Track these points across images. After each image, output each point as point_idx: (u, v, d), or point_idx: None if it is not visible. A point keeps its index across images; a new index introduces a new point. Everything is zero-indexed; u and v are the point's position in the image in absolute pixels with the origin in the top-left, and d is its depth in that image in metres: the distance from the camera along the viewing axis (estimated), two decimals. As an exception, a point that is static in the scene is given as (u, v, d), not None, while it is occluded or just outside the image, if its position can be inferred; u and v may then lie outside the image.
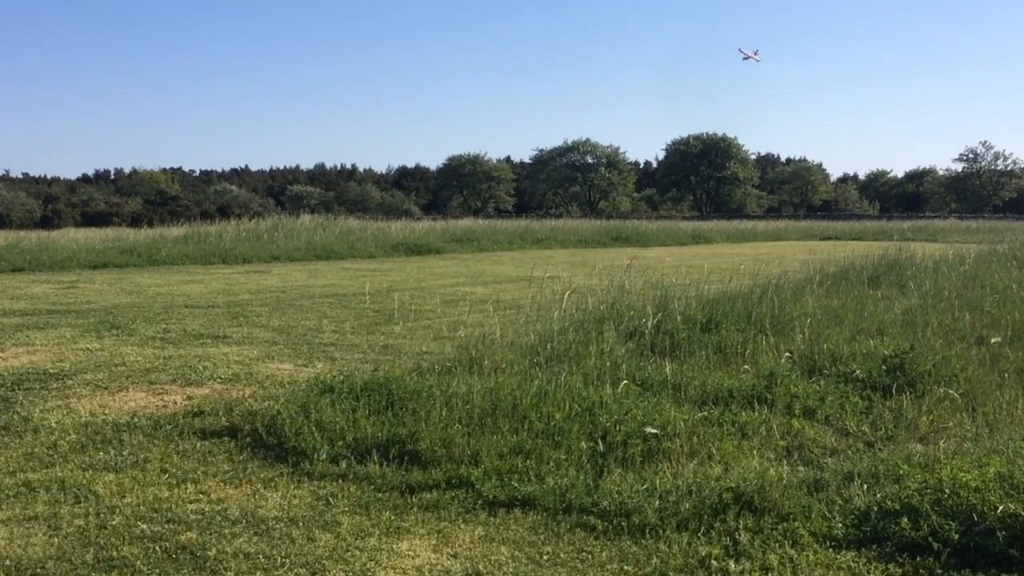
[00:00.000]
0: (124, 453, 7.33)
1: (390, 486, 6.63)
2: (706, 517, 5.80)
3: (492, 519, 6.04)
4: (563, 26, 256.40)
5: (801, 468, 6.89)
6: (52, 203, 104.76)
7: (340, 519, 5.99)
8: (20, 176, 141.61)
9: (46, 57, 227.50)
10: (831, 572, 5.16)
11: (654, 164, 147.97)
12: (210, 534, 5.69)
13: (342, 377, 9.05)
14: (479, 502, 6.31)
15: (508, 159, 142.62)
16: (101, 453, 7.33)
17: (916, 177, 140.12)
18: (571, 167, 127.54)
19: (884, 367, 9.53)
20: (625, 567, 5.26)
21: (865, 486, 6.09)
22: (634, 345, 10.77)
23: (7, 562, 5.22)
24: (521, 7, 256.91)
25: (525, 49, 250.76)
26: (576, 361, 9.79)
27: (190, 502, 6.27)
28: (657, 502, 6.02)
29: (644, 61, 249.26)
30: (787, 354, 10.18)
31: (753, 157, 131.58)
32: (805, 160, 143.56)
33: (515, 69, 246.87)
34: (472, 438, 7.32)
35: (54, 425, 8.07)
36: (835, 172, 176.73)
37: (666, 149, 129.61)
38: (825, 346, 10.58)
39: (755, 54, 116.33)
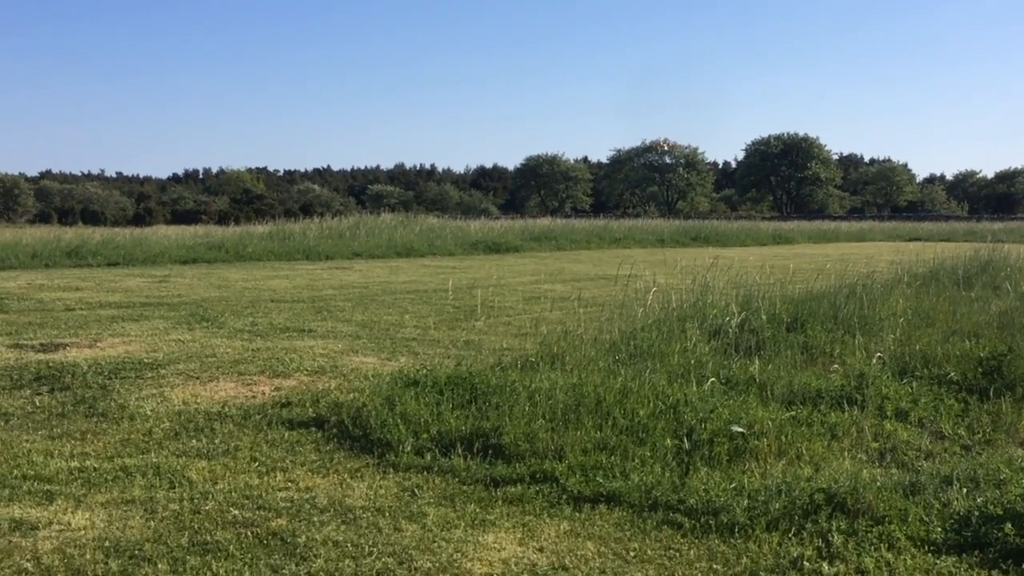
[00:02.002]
0: (216, 441, 7.46)
1: (474, 479, 6.65)
2: (797, 518, 5.71)
3: (577, 514, 6.02)
4: (639, 27, 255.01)
5: (895, 470, 6.75)
6: (144, 201, 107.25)
7: (426, 510, 6.02)
8: (114, 175, 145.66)
9: (140, 61, 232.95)
10: (929, 576, 5.03)
11: (733, 164, 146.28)
12: (299, 521, 5.76)
13: (425, 371, 9.12)
14: (564, 497, 6.29)
15: (585, 159, 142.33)
16: (194, 441, 7.47)
17: (1007, 178, 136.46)
18: (649, 167, 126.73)
19: (980, 369, 9.30)
20: (714, 566, 5.19)
21: (964, 490, 5.94)
22: (718, 344, 10.67)
23: (107, 543, 5.34)
24: (600, 11, 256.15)
25: (603, 53, 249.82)
26: (659, 359, 9.72)
27: (279, 490, 6.36)
28: (746, 501, 5.94)
29: (721, 61, 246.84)
30: (878, 355, 9.98)
31: (835, 157, 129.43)
32: (889, 160, 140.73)
33: (594, 71, 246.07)
34: (556, 433, 7.30)
35: (149, 413, 8.25)
36: (921, 172, 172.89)
37: (746, 149, 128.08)
38: (917, 347, 10.36)
39: None
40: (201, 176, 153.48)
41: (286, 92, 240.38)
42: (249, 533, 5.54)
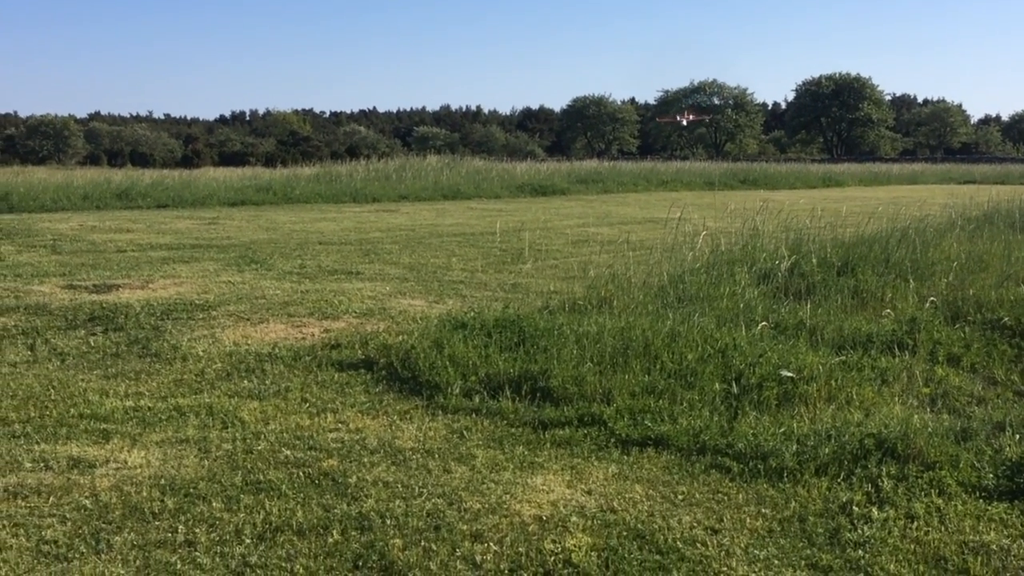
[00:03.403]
0: (267, 382, 7.56)
1: (522, 422, 6.68)
2: (846, 463, 5.69)
3: (625, 457, 6.04)
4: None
5: (946, 416, 6.68)
6: (192, 143, 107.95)
7: (474, 452, 6.06)
8: (162, 117, 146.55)
9: (188, 5, 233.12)
10: (981, 523, 4.99)
11: (782, 105, 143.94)
12: (350, 462, 5.83)
13: (473, 314, 9.14)
14: (612, 440, 6.31)
15: (632, 100, 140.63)
16: (245, 381, 7.57)
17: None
18: (697, 108, 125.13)
19: (1035, 315, 9.15)
20: (763, 510, 5.19)
21: (1017, 436, 5.88)
22: (767, 288, 10.59)
23: (162, 481, 5.44)
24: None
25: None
26: (708, 303, 9.68)
27: (330, 431, 6.43)
28: (794, 446, 5.92)
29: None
30: (931, 300, 9.85)
31: (888, 98, 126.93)
32: (943, 101, 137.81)
33: (637, 10, 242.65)
34: (604, 377, 7.31)
35: (201, 354, 8.36)
36: (976, 113, 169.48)
37: (796, 90, 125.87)
38: (970, 292, 10.20)
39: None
40: (248, 118, 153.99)
41: (332, 33, 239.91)
42: (301, 473, 5.61)
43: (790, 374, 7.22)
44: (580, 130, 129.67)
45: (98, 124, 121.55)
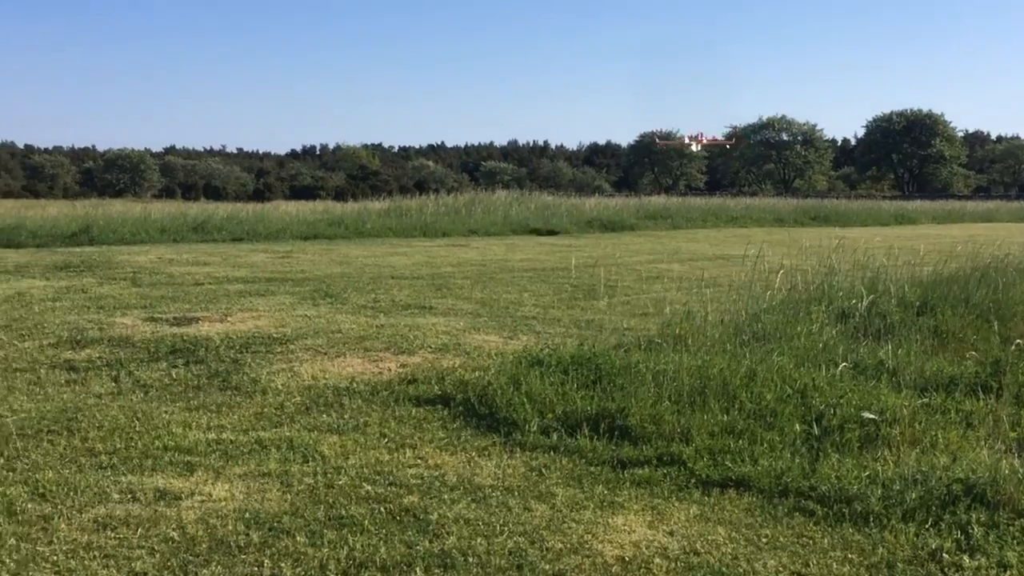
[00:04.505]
0: (345, 416, 7.62)
1: (601, 460, 6.66)
2: (934, 508, 5.58)
3: (706, 498, 5.99)
4: (760, 3, 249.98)
5: (1036, 462, 6.52)
6: (264, 177, 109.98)
7: (554, 490, 6.05)
8: (235, 151, 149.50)
9: (262, 41, 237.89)
10: (1077, 573, 4.87)
11: (852, 142, 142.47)
12: (430, 498, 5.85)
13: (549, 350, 9.17)
14: (692, 480, 6.26)
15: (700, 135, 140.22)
16: (324, 415, 7.64)
17: None
18: (765, 144, 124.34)
19: None
20: (849, 555, 5.11)
21: (1111, 484, 5.72)
22: (844, 327, 10.46)
23: (247, 515, 5.51)
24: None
25: (718, 25, 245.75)
26: (785, 342, 9.58)
27: (409, 466, 6.46)
28: (880, 490, 5.82)
29: (847, 33, 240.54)
30: (1017, 341, 9.64)
31: (960, 134, 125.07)
32: (1018, 137, 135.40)
33: (707, 46, 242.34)
34: (682, 416, 7.28)
35: (280, 387, 8.47)
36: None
37: (866, 126, 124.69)
38: (1056, 334, 9.98)
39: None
40: (318, 152, 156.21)
41: (403, 69, 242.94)
42: (382, 509, 5.65)
43: (872, 416, 7.12)
44: (647, 165, 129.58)
45: (173, 158, 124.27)
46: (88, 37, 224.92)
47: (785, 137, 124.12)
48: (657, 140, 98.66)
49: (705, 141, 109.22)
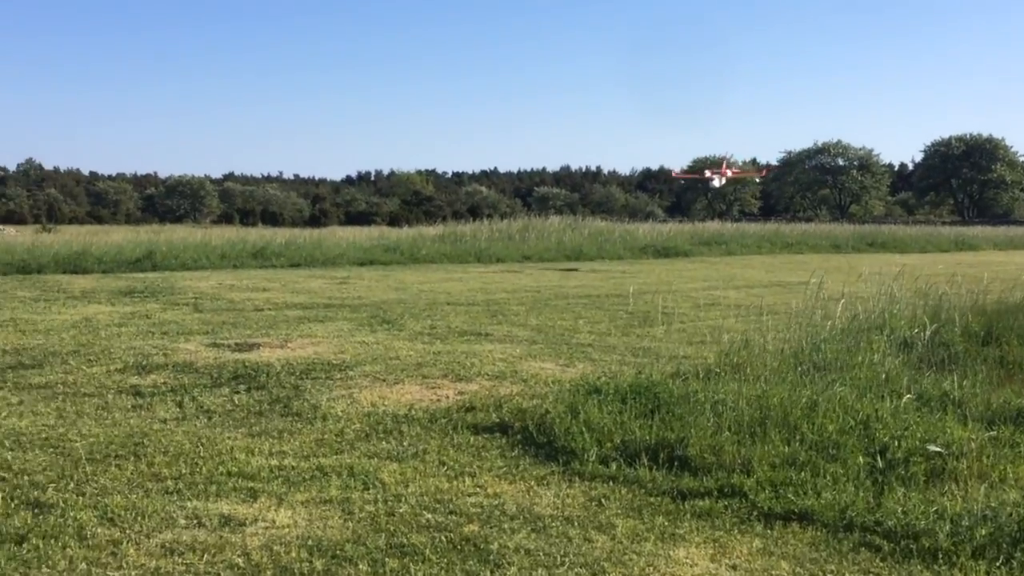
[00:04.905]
0: (404, 444, 7.66)
1: (661, 491, 6.63)
2: (1005, 546, 5.47)
3: (769, 531, 5.93)
4: (813, 26, 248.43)
5: (1109, 498, 6.39)
6: (319, 203, 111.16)
7: (614, 521, 6.03)
8: (291, 178, 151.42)
9: (315, 72, 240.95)
10: None
11: (910, 166, 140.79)
12: (490, 528, 5.85)
13: (606, 379, 9.16)
14: (754, 513, 6.20)
15: (754, 161, 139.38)
16: (384, 443, 7.69)
17: None
18: (820, 169, 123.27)
19: None
20: (917, 591, 5.03)
21: None
22: (906, 357, 10.32)
23: (310, 542, 5.55)
24: (772, 9, 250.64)
25: (772, 49, 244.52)
26: (845, 371, 9.48)
27: (469, 495, 6.48)
28: (948, 526, 5.73)
29: (903, 58, 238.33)
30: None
31: (1022, 159, 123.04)
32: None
33: (761, 71, 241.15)
34: (742, 446, 7.22)
35: (340, 414, 8.54)
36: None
37: (924, 151, 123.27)
38: None
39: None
40: (373, 178, 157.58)
41: (456, 95, 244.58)
42: (443, 537, 5.66)
43: (938, 449, 7.01)
44: (701, 190, 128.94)
45: (232, 184, 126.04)
46: (150, 70, 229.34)
47: (841, 162, 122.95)
48: (673, 174, 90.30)
49: (730, 173, 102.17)
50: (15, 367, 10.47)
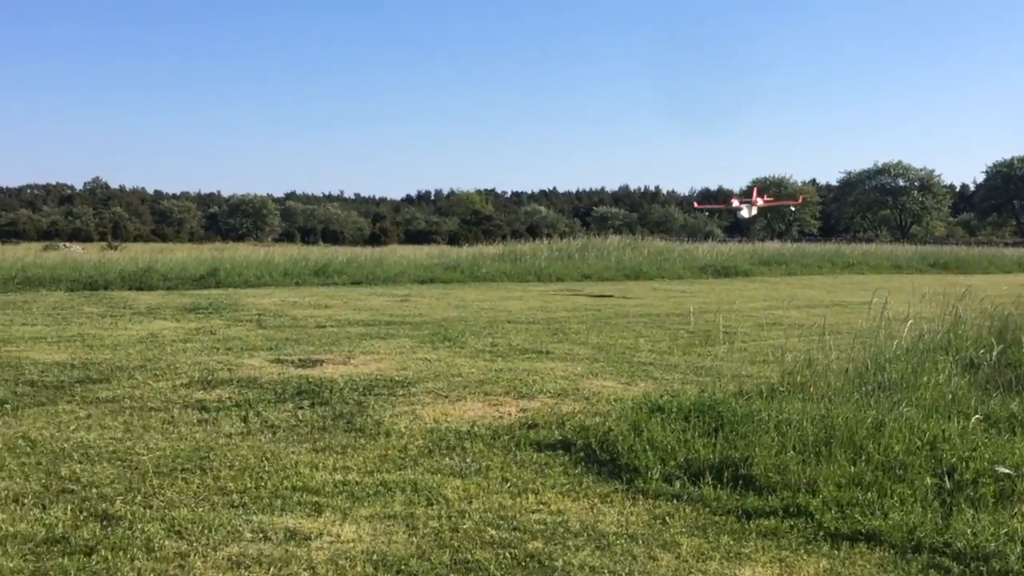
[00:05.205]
0: (467, 460, 7.70)
1: (725, 509, 6.60)
2: (1078, 570, 5.37)
3: (836, 552, 5.87)
4: (875, 47, 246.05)
5: None
6: (379, 222, 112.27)
7: (679, 539, 6.01)
8: (352, 197, 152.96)
9: (374, 92, 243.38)
10: None
11: (971, 187, 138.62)
12: (554, 544, 5.86)
13: (669, 397, 9.13)
14: (820, 533, 6.15)
15: (813, 181, 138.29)
16: (447, 459, 7.73)
17: None
18: (881, 190, 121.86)
19: None
20: (989, 614, 4.95)
21: None
22: (972, 378, 10.15)
23: (374, 557, 5.59)
24: (828, 23, 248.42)
25: (832, 71, 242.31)
26: (911, 391, 9.36)
27: (532, 512, 6.49)
28: (1019, 548, 5.64)
29: (964, 79, 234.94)
30: None
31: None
32: None
33: (818, 91, 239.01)
34: (807, 466, 7.17)
35: (403, 430, 8.60)
36: None
37: (986, 171, 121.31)
38: None
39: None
40: (432, 197, 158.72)
41: (516, 116, 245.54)
42: (507, 554, 5.68)
43: (1007, 471, 6.90)
44: (760, 210, 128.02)
45: (293, 203, 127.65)
46: (214, 92, 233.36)
47: (901, 183, 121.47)
48: (696, 204, 79.32)
49: (761, 202, 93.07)
50: (83, 381, 10.67)
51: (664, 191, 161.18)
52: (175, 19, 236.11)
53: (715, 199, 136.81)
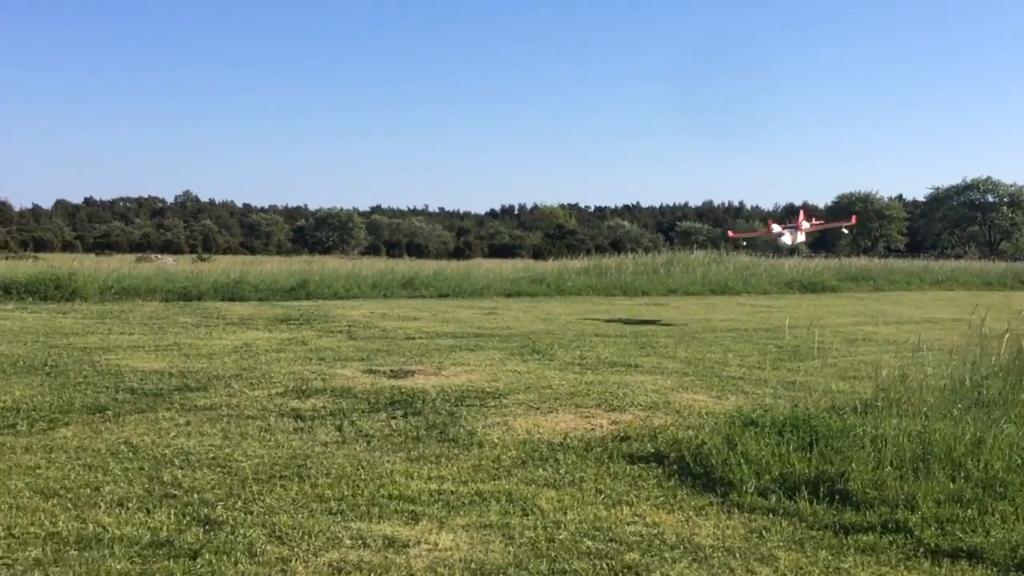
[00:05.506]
0: (560, 471, 7.74)
1: (823, 524, 6.54)
2: None
3: (936, 568, 5.79)
4: (962, 62, 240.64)
5: None
6: (464, 235, 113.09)
7: (776, 554, 5.98)
8: (436, 211, 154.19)
9: (460, 107, 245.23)
10: None
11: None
12: (651, 556, 5.86)
13: (762, 411, 9.08)
14: (920, 549, 6.07)
15: (900, 197, 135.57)
16: (540, 470, 7.78)
17: None
18: (969, 206, 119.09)
19: None
20: (1099, 635, 4.85)
21: None
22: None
23: (472, 565, 5.66)
24: (915, 38, 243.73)
25: (921, 85, 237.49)
26: (1009, 408, 9.19)
27: (627, 523, 6.50)
28: None
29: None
30: None
31: None
32: None
33: (904, 106, 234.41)
34: (905, 482, 7.09)
35: (496, 441, 8.67)
36: None
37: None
38: None
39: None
40: (516, 211, 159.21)
41: (598, 132, 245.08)
42: (604, 565, 5.70)
43: (1114, 490, 6.72)
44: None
45: (379, 217, 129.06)
46: (301, 106, 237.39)
47: (991, 199, 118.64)
48: (730, 233, 72.08)
49: (808, 226, 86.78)
50: (181, 389, 10.95)
51: (748, 206, 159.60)
52: (265, 35, 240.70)
53: (794, 215, 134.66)
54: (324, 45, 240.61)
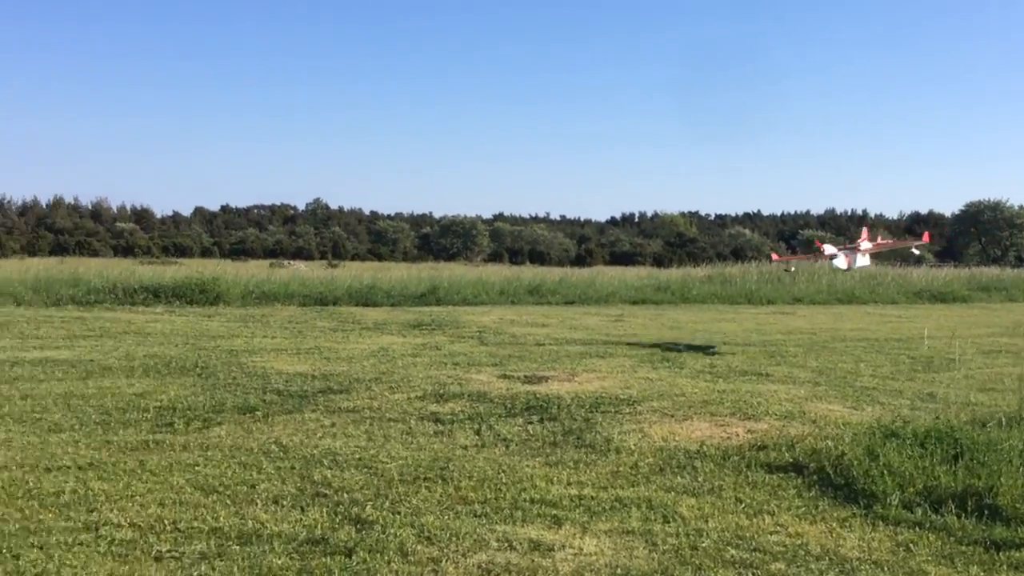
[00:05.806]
0: (699, 479, 7.76)
1: (972, 539, 6.44)
2: None
3: (1096, 588, 5.66)
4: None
5: None
6: (585, 243, 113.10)
7: (926, 568, 5.91)
8: (558, 218, 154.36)
9: (579, 115, 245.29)
10: None
11: None
12: (797, 567, 5.86)
13: (902, 423, 8.98)
14: (1078, 568, 5.93)
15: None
16: (678, 477, 7.82)
17: None
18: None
19: None
20: None
21: None
22: None
23: (618, 570, 5.73)
24: None
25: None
26: None
27: (770, 533, 6.50)
28: None
29: None
30: None
31: None
32: None
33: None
34: (1056, 499, 6.90)
35: (632, 447, 8.74)
36: None
37: None
38: None
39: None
40: (636, 219, 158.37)
41: (718, 140, 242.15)
42: (749, 574, 5.72)
43: None
44: (974, 235, 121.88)
45: (501, 224, 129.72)
46: (428, 116, 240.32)
47: None
48: (775, 257, 61.36)
49: (871, 246, 71.51)
50: (324, 392, 11.30)
51: (872, 214, 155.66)
52: (394, 46, 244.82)
53: (926, 223, 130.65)
54: (448, 59, 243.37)
